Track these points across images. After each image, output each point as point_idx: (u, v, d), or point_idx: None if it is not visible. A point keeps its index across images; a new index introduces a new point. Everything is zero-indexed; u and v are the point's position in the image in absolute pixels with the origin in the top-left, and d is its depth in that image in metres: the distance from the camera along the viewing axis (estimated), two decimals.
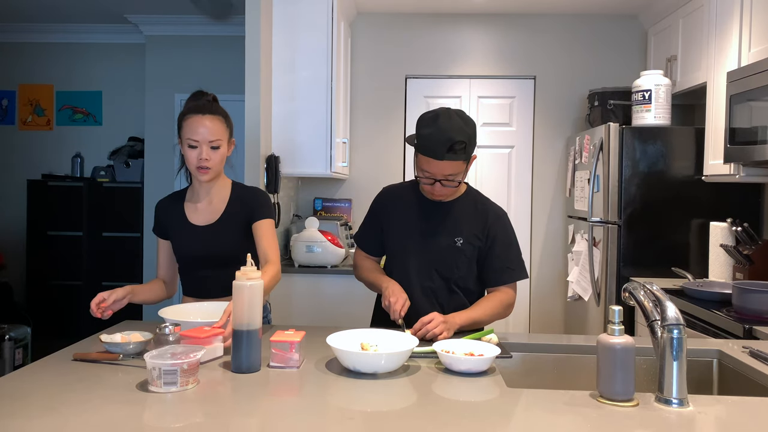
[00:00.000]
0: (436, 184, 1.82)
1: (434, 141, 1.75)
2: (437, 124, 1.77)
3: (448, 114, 1.79)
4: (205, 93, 1.93)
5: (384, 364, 1.42)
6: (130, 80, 5.18)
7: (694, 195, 3.21)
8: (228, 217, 1.91)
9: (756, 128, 2.50)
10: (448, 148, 1.74)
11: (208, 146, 1.83)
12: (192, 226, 1.91)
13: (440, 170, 1.79)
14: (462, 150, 1.76)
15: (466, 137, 1.76)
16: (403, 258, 1.96)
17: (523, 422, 1.19)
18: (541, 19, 4.19)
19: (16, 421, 1.13)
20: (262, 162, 3.15)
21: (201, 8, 4.38)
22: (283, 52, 3.39)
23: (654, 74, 3.31)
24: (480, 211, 1.95)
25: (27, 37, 5.17)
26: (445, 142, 1.74)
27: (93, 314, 1.71)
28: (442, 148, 1.74)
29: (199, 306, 1.80)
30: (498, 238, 1.93)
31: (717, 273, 2.99)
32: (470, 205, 1.96)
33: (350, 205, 4.16)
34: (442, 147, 1.74)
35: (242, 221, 1.90)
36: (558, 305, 4.21)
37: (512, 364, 1.68)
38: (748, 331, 2.07)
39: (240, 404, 1.23)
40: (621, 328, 1.26)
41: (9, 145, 5.25)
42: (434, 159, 1.77)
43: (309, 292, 3.27)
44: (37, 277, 4.94)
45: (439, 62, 4.23)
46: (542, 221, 4.22)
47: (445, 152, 1.74)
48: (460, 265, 1.91)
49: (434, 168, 1.79)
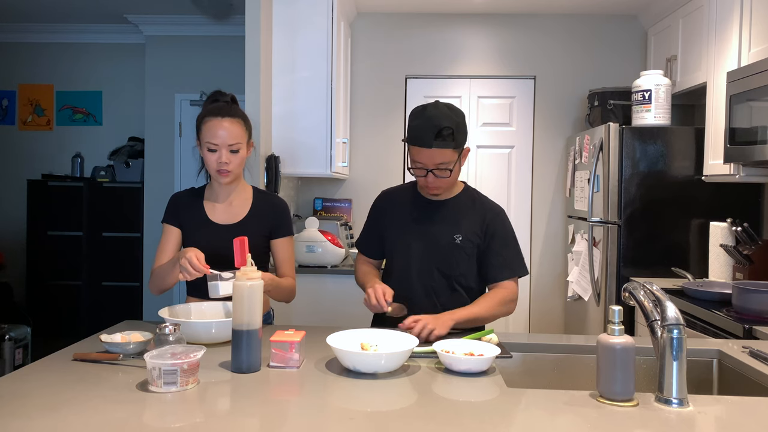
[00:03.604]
0: (429, 175, 1.83)
1: (422, 129, 1.80)
2: (425, 114, 1.82)
3: (435, 104, 1.85)
4: (223, 93, 1.91)
5: (384, 364, 1.42)
6: (130, 80, 5.18)
7: (694, 195, 3.21)
8: (250, 221, 1.92)
9: (756, 128, 2.50)
10: (436, 135, 1.78)
11: (228, 150, 1.83)
12: (213, 224, 1.91)
13: (431, 159, 1.81)
14: (450, 136, 1.79)
15: (453, 123, 1.80)
16: (403, 258, 1.96)
17: (523, 422, 1.19)
18: (541, 19, 4.19)
19: (16, 421, 1.13)
20: (262, 162, 3.15)
21: (201, 8, 4.38)
22: (283, 52, 3.39)
23: (654, 74, 3.31)
24: (478, 208, 1.95)
25: (27, 37, 5.16)
26: (432, 128, 1.78)
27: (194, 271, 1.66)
28: (430, 135, 1.78)
29: (200, 306, 1.80)
30: (497, 234, 1.93)
31: (717, 273, 2.99)
32: (468, 203, 1.96)
33: (350, 205, 4.16)
34: (430, 134, 1.78)
35: (264, 231, 1.93)
36: (558, 305, 4.21)
37: (512, 364, 1.68)
38: (748, 331, 2.07)
39: (240, 404, 1.23)
40: (621, 328, 1.26)
41: (9, 145, 5.25)
42: (423, 147, 1.80)
43: (309, 292, 3.27)
44: (37, 277, 4.94)
45: (439, 62, 4.23)
46: (542, 221, 4.22)
47: (433, 139, 1.78)
48: (460, 262, 1.91)
49: (425, 157, 1.81)
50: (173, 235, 1.95)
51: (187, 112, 4.86)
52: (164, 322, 1.51)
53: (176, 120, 4.89)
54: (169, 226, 1.95)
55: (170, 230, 1.95)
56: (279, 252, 1.98)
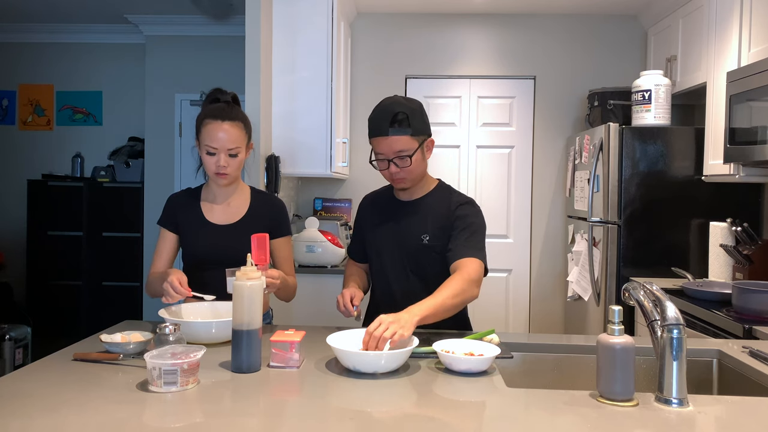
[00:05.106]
0: (391, 165, 1.83)
1: (378, 119, 1.83)
2: (380, 106, 1.86)
3: (391, 96, 1.90)
4: (224, 92, 1.90)
5: (384, 364, 1.42)
6: (130, 80, 5.18)
7: (694, 195, 3.21)
8: (249, 221, 1.92)
9: (756, 128, 2.50)
10: (391, 121, 1.79)
11: (227, 153, 1.83)
12: (210, 225, 1.91)
13: (389, 147, 1.81)
14: (405, 121, 1.80)
15: (407, 109, 1.81)
16: (379, 262, 1.96)
17: (523, 422, 1.19)
18: (540, 19, 4.20)
19: (16, 421, 1.13)
20: (262, 162, 3.15)
21: (201, 8, 4.38)
22: (283, 52, 3.39)
23: (654, 74, 3.31)
24: (447, 202, 1.91)
25: (27, 37, 5.16)
26: (387, 116, 1.81)
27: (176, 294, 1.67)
28: (385, 123, 1.81)
29: (200, 306, 1.80)
30: (458, 220, 1.86)
31: (717, 273, 2.99)
32: (437, 200, 1.93)
33: (350, 205, 4.16)
34: (385, 122, 1.81)
35: (262, 231, 1.91)
36: (558, 305, 4.21)
37: (512, 364, 1.68)
38: (748, 331, 2.07)
39: (240, 404, 1.23)
40: (621, 328, 1.26)
41: (9, 145, 5.25)
42: (381, 136, 1.81)
43: (309, 292, 3.27)
44: (37, 277, 4.94)
45: (439, 62, 4.23)
46: (542, 221, 4.22)
47: (389, 126, 1.79)
48: (432, 262, 1.87)
49: (384, 146, 1.82)
50: (168, 239, 1.95)
51: (187, 112, 4.86)
52: (164, 322, 1.51)
53: (176, 120, 4.89)
54: (164, 230, 1.96)
55: (166, 234, 1.96)
56: (278, 252, 1.98)
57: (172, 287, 1.66)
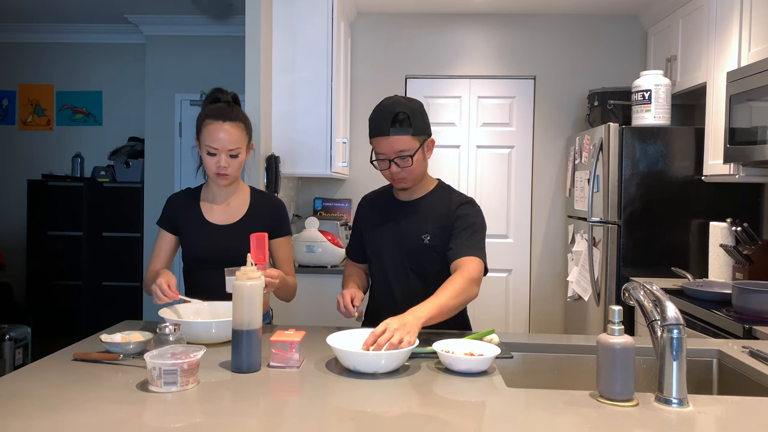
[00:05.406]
0: (392, 165, 1.83)
1: (379, 119, 1.83)
2: (381, 105, 1.86)
3: (391, 96, 1.90)
4: (224, 92, 1.90)
5: (384, 364, 1.42)
6: (130, 80, 5.18)
7: (694, 195, 3.21)
8: (249, 220, 1.92)
9: (756, 128, 2.50)
10: (392, 121, 1.79)
11: (227, 154, 1.83)
12: (210, 225, 1.91)
13: (390, 147, 1.81)
14: (406, 121, 1.80)
15: (408, 109, 1.81)
16: (379, 262, 1.95)
17: (523, 422, 1.19)
18: (540, 19, 4.20)
19: (16, 421, 1.13)
20: (262, 162, 3.15)
21: (201, 8, 4.38)
22: (283, 52, 3.39)
23: (654, 74, 3.31)
24: (447, 202, 1.91)
25: (27, 37, 5.16)
26: (388, 116, 1.80)
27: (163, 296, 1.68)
28: (386, 122, 1.80)
29: (200, 306, 1.80)
30: (459, 220, 1.87)
31: (717, 273, 2.99)
32: (437, 200, 1.93)
33: (350, 205, 4.16)
34: (386, 122, 1.80)
35: (262, 231, 1.91)
36: (558, 305, 4.21)
37: (512, 364, 1.68)
38: (748, 331, 2.07)
39: (240, 404, 1.23)
40: (621, 328, 1.26)
41: (9, 145, 5.25)
42: (382, 136, 1.81)
43: (309, 292, 3.27)
44: (37, 277, 4.94)
45: (439, 62, 4.23)
46: (542, 221, 4.22)
47: (390, 126, 1.79)
48: (432, 262, 1.88)
49: (385, 146, 1.82)
50: (166, 239, 1.96)
51: (187, 112, 4.86)
52: (164, 322, 1.51)
53: (176, 120, 4.89)
54: (163, 231, 1.96)
55: (164, 235, 1.96)
56: (278, 252, 1.98)
57: (161, 289, 1.67)
